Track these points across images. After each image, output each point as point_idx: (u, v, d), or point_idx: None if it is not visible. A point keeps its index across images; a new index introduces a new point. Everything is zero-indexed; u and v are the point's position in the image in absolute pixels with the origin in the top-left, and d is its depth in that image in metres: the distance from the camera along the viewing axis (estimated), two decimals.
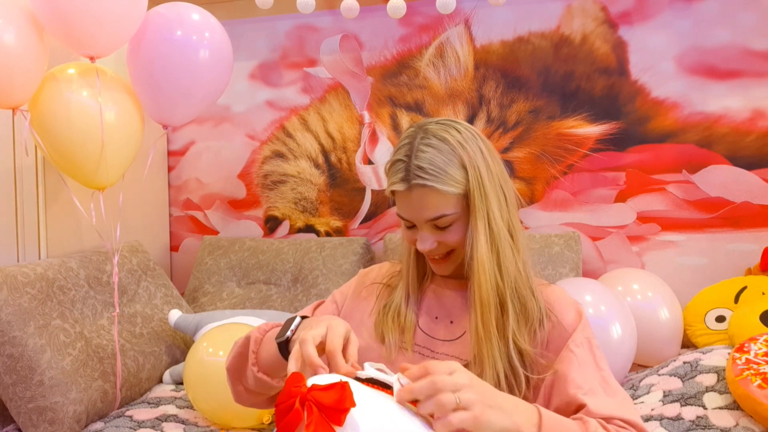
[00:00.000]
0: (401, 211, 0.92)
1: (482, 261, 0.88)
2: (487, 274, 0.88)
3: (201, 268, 2.36)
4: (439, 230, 0.90)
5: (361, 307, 1.04)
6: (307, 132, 2.44)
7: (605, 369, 0.88)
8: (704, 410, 1.40)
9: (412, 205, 0.89)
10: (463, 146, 0.88)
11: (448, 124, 0.91)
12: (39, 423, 1.52)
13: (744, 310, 1.72)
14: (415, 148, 0.88)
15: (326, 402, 0.62)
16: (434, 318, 0.98)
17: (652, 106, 2.09)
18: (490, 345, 0.88)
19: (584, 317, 0.92)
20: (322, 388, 0.64)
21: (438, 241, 0.91)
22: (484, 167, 0.89)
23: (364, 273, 1.10)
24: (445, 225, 0.89)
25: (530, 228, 2.20)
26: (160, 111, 1.75)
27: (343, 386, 0.63)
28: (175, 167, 2.60)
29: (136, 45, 1.67)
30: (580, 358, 0.86)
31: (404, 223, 0.93)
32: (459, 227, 0.90)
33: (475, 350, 0.89)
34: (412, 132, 0.91)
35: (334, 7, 2.32)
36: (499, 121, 2.21)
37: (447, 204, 0.88)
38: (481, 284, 0.88)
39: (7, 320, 1.50)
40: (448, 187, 0.86)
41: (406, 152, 0.89)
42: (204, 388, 1.58)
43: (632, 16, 2.10)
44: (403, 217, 0.92)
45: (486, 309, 0.88)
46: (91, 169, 1.64)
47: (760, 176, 2.00)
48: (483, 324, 0.88)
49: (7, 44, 1.43)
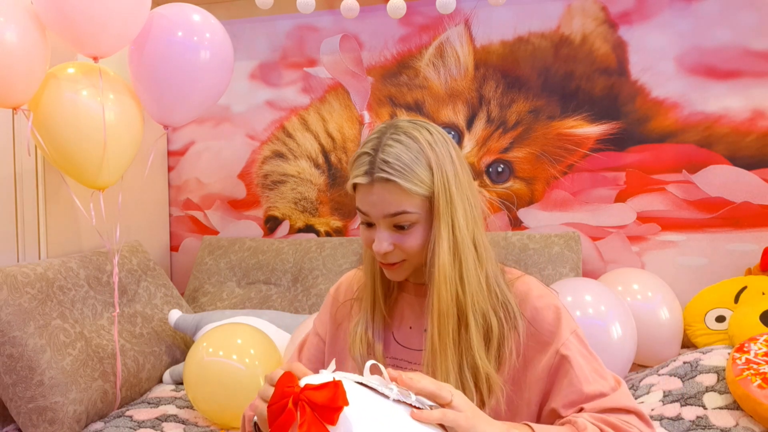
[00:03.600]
0: (361, 205, 0.87)
1: (443, 268, 0.84)
2: (448, 283, 0.85)
3: (201, 268, 2.36)
4: (397, 231, 0.86)
5: (340, 336, 1.01)
6: (307, 132, 2.44)
7: (596, 357, 0.86)
8: (704, 410, 1.40)
9: (372, 199, 0.85)
10: (433, 148, 0.85)
11: (421, 125, 0.88)
12: (39, 423, 1.52)
13: (744, 310, 1.72)
14: (382, 142, 0.85)
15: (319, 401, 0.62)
16: (408, 328, 0.95)
17: (652, 106, 2.09)
18: (444, 356, 0.85)
19: (563, 310, 0.89)
20: (315, 388, 0.63)
21: (395, 244, 0.86)
22: (452, 173, 0.86)
23: (334, 290, 1.06)
24: (404, 224, 0.85)
25: (530, 228, 2.20)
26: (161, 111, 1.75)
27: (336, 385, 0.63)
28: (175, 167, 2.60)
29: (138, 45, 1.67)
30: (573, 361, 0.84)
31: (363, 219, 0.89)
32: (418, 231, 0.86)
33: (428, 359, 0.86)
34: (383, 128, 0.88)
35: (334, 7, 2.32)
36: (499, 121, 2.21)
37: (409, 202, 0.84)
38: (441, 293, 0.85)
39: (7, 320, 1.50)
40: (411, 185, 0.83)
41: (373, 146, 0.85)
42: (204, 388, 1.58)
43: (632, 16, 2.10)
44: (362, 210, 0.87)
45: (444, 319, 0.85)
46: (92, 169, 1.64)
47: (760, 176, 2.00)
48: (439, 334, 0.85)
49: (9, 43, 1.43)
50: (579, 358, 0.85)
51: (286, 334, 1.87)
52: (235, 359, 1.57)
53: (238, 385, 1.55)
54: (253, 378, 1.57)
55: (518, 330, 0.87)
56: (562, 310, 0.89)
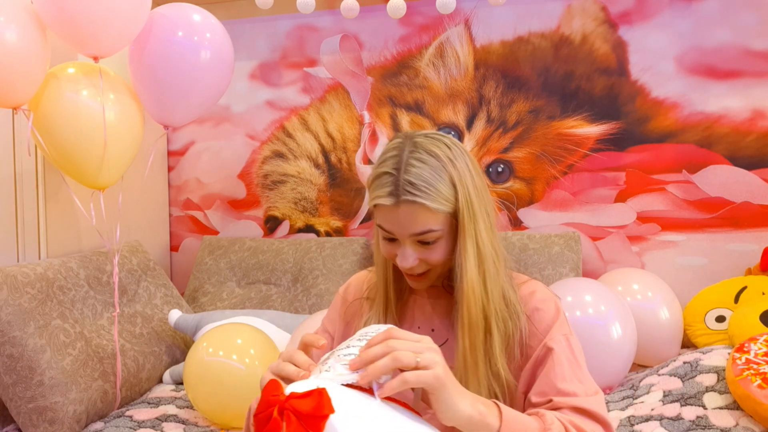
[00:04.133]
0: (384, 224, 0.87)
1: (471, 283, 0.86)
2: (476, 296, 0.86)
3: (201, 268, 2.36)
4: (422, 246, 0.87)
5: (349, 334, 1.01)
6: (307, 132, 2.44)
7: (582, 365, 0.87)
8: (704, 410, 1.40)
9: (398, 220, 0.85)
10: (453, 163, 0.85)
11: (438, 139, 0.88)
12: (39, 423, 1.52)
13: (744, 310, 1.72)
14: (404, 161, 0.84)
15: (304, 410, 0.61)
16: (417, 328, 0.97)
17: (652, 106, 2.09)
18: (475, 368, 0.86)
19: (562, 314, 0.91)
20: (300, 396, 0.63)
21: (420, 258, 0.87)
22: (472, 186, 0.87)
23: (344, 290, 1.07)
24: (429, 241, 0.86)
25: (530, 228, 2.20)
26: (161, 111, 1.75)
27: (320, 393, 0.62)
28: (175, 167, 2.60)
29: (138, 45, 1.67)
30: (556, 355, 0.85)
31: (383, 235, 0.89)
32: (442, 245, 0.87)
33: (462, 373, 0.86)
34: (399, 143, 0.87)
35: (334, 7, 2.32)
36: (499, 121, 2.21)
37: (435, 221, 0.84)
38: (471, 307, 0.86)
39: (7, 320, 1.50)
40: (437, 205, 0.83)
41: (394, 165, 0.85)
42: (204, 388, 1.58)
43: (632, 16, 2.10)
44: (385, 228, 0.87)
45: (474, 332, 0.86)
46: (92, 169, 1.64)
47: (760, 176, 2.00)
48: (471, 346, 0.86)
49: (9, 43, 1.42)
50: (563, 358, 0.86)
51: (286, 334, 1.87)
52: (235, 359, 1.57)
53: (238, 385, 1.55)
54: (253, 378, 1.56)
55: (521, 330, 0.89)
56: (561, 313, 0.91)
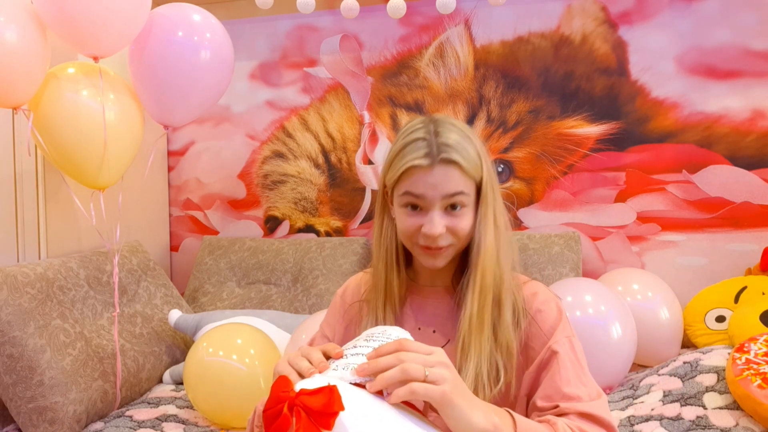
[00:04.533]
0: (414, 187, 0.87)
1: (489, 249, 0.89)
2: (491, 263, 0.89)
3: (201, 268, 2.36)
4: (450, 214, 0.88)
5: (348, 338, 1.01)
6: (307, 132, 2.44)
7: (584, 367, 0.88)
8: (704, 410, 1.40)
9: (432, 181, 0.86)
10: (476, 139, 0.90)
11: (456, 121, 0.92)
12: (39, 423, 1.52)
13: (744, 310, 1.72)
14: (434, 129, 0.88)
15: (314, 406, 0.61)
16: (417, 329, 0.96)
17: (652, 106, 2.09)
18: (480, 332, 0.87)
19: (564, 315, 0.92)
20: (310, 393, 0.63)
21: (447, 226, 0.88)
22: (489, 161, 0.91)
23: (341, 293, 1.07)
24: (459, 204, 0.87)
25: (530, 228, 2.20)
26: (161, 111, 1.75)
27: (331, 390, 0.63)
28: (175, 167, 2.60)
29: (138, 45, 1.67)
30: (561, 359, 0.86)
31: (409, 202, 0.89)
32: (468, 214, 0.89)
33: (465, 334, 0.88)
34: (423, 120, 0.91)
35: (334, 7, 2.32)
36: (499, 121, 2.21)
37: (466, 183, 0.87)
38: (485, 271, 0.88)
39: (7, 320, 1.50)
40: (470, 168, 0.87)
41: (425, 133, 0.88)
42: (204, 388, 1.58)
43: (632, 16, 2.10)
44: (416, 193, 0.87)
45: (484, 297, 0.88)
46: (92, 169, 1.64)
47: (760, 176, 2.00)
48: (478, 312, 0.87)
49: (9, 43, 1.42)
50: (567, 361, 0.86)
51: (286, 334, 1.87)
52: (235, 359, 1.57)
53: (238, 385, 1.55)
54: (253, 378, 1.57)
55: (522, 329, 0.90)
56: (563, 315, 0.92)
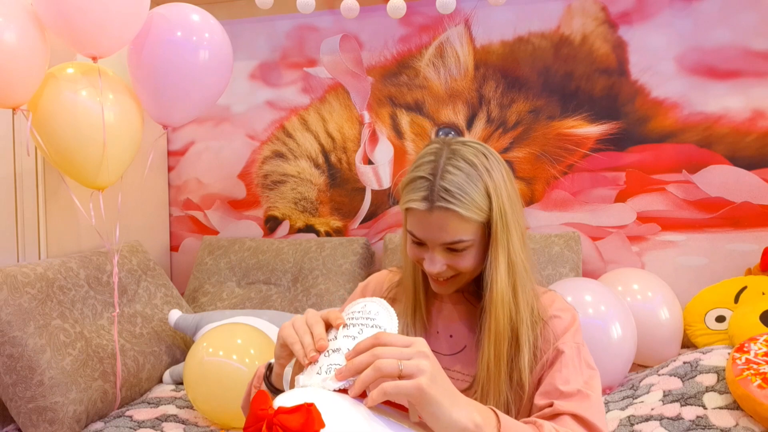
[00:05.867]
0: (415, 229, 0.86)
1: (501, 293, 0.85)
2: (505, 308, 0.86)
3: (201, 268, 2.36)
4: (450, 253, 0.86)
5: None
6: (307, 132, 2.44)
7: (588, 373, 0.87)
8: (704, 410, 1.40)
9: (430, 226, 0.84)
10: (490, 173, 0.85)
11: (476, 148, 0.87)
12: (39, 423, 1.52)
13: (744, 310, 1.72)
14: (440, 167, 0.84)
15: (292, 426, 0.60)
16: (435, 333, 0.96)
17: (652, 106, 2.09)
18: (498, 378, 0.86)
19: (577, 323, 0.91)
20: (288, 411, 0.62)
21: (448, 264, 0.87)
22: (506, 196, 0.86)
23: (363, 287, 1.06)
24: (459, 249, 0.86)
25: (530, 228, 2.20)
26: (161, 111, 1.75)
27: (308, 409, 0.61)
28: (175, 167, 2.60)
29: (137, 45, 1.67)
30: (565, 358, 0.86)
31: (412, 239, 0.88)
32: (472, 253, 0.87)
33: (484, 382, 0.87)
34: (437, 149, 0.87)
35: (334, 7, 2.32)
36: (499, 121, 2.21)
37: (466, 230, 0.84)
38: (498, 317, 0.86)
39: (7, 320, 1.50)
40: (471, 214, 0.83)
41: (431, 170, 0.84)
42: (204, 388, 1.58)
43: (632, 16, 2.10)
44: (416, 236, 0.87)
45: (500, 342, 0.86)
46: (92, 169, 1.64)
47: (760, 176, 2.00)
48: (495, 356, 0.86)
49: (9, 43, 1.42)
50: (570, 361, 0.86)
51: None
52: (235, 359, 1.57)
53: (238, 385, 1.55)
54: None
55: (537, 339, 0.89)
56: (576, 323, 0.91)
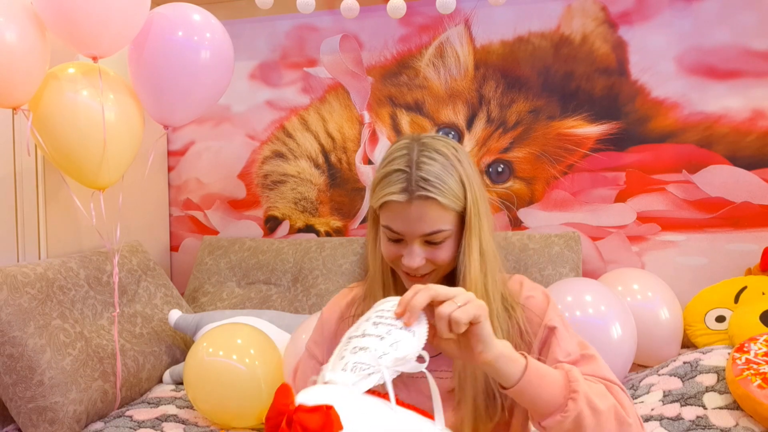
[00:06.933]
0: (393, 223, 0.86)
1: (475, 281, 0.87)
2: (478, 294, 0.85)
3: (201, 268, 2.36)
4: (430, 246, 0.87)
5: None
6: (307, 132, 2.44)
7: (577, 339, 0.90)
8: (704, 410, 1.40)
9: (409, 218, 0.84)
10: (461, 162, 0.87)
11: (443, 140, 0.89)
12: (39, 423, 1.52)
13: (744, 310, 1.72)
14: (414, 159, 0.85)
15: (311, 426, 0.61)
16: None
17: (652, 106, 2.09)
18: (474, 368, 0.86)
19: (551, 299, 0.93)
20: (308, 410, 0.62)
21: (426, 258, 0.87)
22: (477, 186, 0.88)
23: (329, 312, 1.04)
24: (438, 241, 0.86)
25: (530, 228, 2.20)
26: (161, 111, 1.75)
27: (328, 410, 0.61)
28: (175, 167, 2.60)
29: (138, 45, 1.67)
30: (559, 332, 0.88)
31: (389, 236, 0.88)
32: (450, 244, 0.88)
33: (461, 371, 0.88)
34: (407, 144, 0.88)
35: (334, 7, 2.32)
36: (499, 121, 2.21)
37: (445, 219, 0.85)
38: None
39: (7, 320, 1.50)
40: (449, 202, 0.84)
41: (405, 163, 0.85)
42: (204, 388, 1.58)
43: (632, 16, 2.10)
44: (394, 230, 0.87)
45: None
46: (92, 169, 1.64)
47: (760, 176, 2.00)
48: None
49: (9, 43, 1.42)
50: (563, 334, 0.88)
51: (286, 334, 1.87)
52: (235, 359, 1.57)
53: (238, 385, 1.56)
54: (253, 378, 1.57)
55: (518, 320, 0.91)
56: (550, 299, 0.94)
